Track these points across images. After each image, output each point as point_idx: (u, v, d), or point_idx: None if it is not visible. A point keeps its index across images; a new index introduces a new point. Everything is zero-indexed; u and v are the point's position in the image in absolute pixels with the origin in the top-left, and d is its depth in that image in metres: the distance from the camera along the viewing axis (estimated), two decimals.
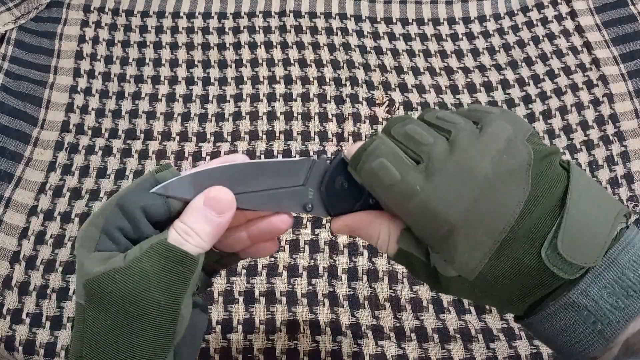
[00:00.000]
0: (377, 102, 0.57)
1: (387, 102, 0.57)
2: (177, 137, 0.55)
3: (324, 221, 0.49)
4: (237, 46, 0.62)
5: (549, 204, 0.22)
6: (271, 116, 0.56)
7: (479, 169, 0.22)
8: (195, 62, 0.61)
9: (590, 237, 0.22)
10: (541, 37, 0.61)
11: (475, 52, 0.61)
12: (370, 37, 0.62)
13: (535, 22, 0.62)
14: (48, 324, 0.45)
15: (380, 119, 0.55)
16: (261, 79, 0.59)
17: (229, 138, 0.55)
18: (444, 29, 0.63)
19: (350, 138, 0.54)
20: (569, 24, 0.61)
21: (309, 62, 0.60)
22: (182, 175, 0.25)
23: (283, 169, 0.26)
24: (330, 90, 0.58)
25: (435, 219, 0.22)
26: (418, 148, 0.24)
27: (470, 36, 0.62)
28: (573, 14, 0.61)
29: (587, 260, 0.21)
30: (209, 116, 0.57)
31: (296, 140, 0.54)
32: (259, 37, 0.63)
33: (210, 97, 0.58)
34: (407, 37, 0.62)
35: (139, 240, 0.24)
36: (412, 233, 0.25)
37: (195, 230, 0.24)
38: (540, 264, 0.22)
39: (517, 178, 0.22)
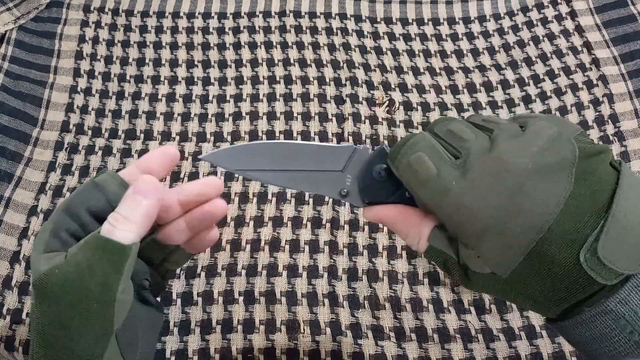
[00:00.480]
0: (377, 102, 0.57)
1: (387, 102, 0.57)
2: (177, 137, 0.55)
3: (323, 221, 0.49)
4: (237, 46, 0.62)
5: (593, 204, 0.21)
6: (271, 116, 0.56)
7: (518, 163, 0.21)
8: (195, 62, 0.61)
9: (633, 244, 0.21)
10: (541, 37, 0.61)
11: (475, 52, 0.61)
12: (370, 37, 0.62)
13: (535, 22, 0.62)
14: None
15: (380, 119, 0.55)
16: (261, 79, 0.59)
17: (229, 138, 0.55)
18: (444, 29, 0.63)
19: (350, 138, 0.54)
20: (569, 24, 0.61)
21: (309, 62, 0.60)
22: (225, 148, 0.27)
23: (324, 153, 0.27)
24: (330, 90, 0.58)
25: (470, 215, 0.22)
26: (459, 144, 0.24)
27: (470, 36, 0.62)
28: (573, 14, 0.61)
29: (628, 267, 0.21)
30: (209, 116, 0.57)
31: (296, 140, 0.54)
32: (259, 37, 0.63)
33: (210, 97, 0.58)
34: (407, 37, 0.62)
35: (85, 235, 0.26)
36: (443, 231, 0.25)
37: (124, 216, 0.25)
38: (578, 267, 0.21)
39: (559, 175, 0.21)
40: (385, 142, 0.27)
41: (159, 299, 0.37)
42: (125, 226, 0.24)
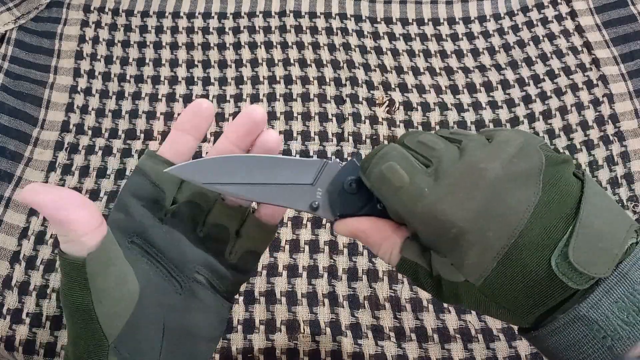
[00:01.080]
0: (377, 102, 0.57)
1: (387, 102, 0.57)
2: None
3: (324, 221, 0.49)
4: (237, 46, 0.62)
5: (560, 211, 0.22)
6: (271, 116, 0.56)
7: (489, 170, 0.22)
8: (195, 62, 0.61)
9: (602, 248, 0.21)
10: (541, 37, 0.61)
11: (475, 52, 0.61)
12: (370, 37, 0.62)
13: (535, 22, 0.62)
14: (48, 324, 0.45)
15: (380, 119, 0.55)
16: (261, 79, 0.59)
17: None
18: (444, 29, 0.63)
19: (350, 138, 0.54)
20: (569, 24, 0.61)
21: (309, 62, 0.60)
22: (194, 161, 0.26)
23: (294, 166, 0.26)
24: (330, 90, 0.58)
25: (443, 222, 0.22)
26: (429, 153, 0.24)
27: (470, 36, 0.62)
28: (573, 14, 0.61)
29: (598, 270, 0.21)
30: None
31: (296, 140, 0.54)
32: (259, 37, 0.63)
33: (210, 97, 0.58)
34: (407, 37, 0.62)
35: (134, 228, 0.27)
36: (415, 242, 0.25)
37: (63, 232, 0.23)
38: (550, 272, 0.21)
39: (528, 181, 0.22)
40: (356, 157, 0.27)
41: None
42: (64, 239, 0.23)
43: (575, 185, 0.22)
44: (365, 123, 0.55)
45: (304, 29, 0.63)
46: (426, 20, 0.64)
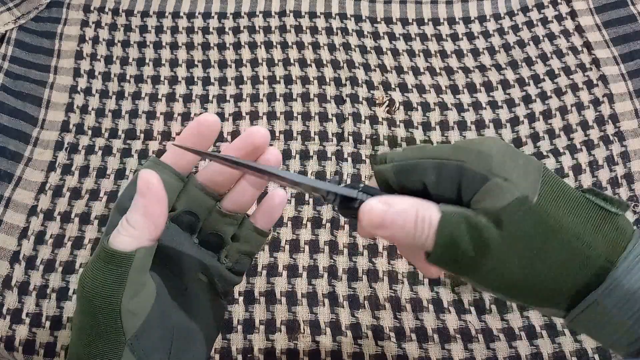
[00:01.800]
0: (377, 102, 0.57)
1: (387, 102, 0.57)
2: (177, 137, 0.55)
3: (324, 221, 0.49)
4: (237, 46, 0.62)
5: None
6: (271, 116, 0.56)
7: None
8: (195, 62, 0.61)
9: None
10: (541, 37, 0.61)
11: (475, 52, 0.61)
12: (370, 37, 0.62)
13: (535, 22, 0.62)
14: (48, 324, 0.45)
15: (380, 119, 0.55)
16: (261, 79, 0.59)
17: (229, 138, 0.55)
18: (444, 29, 0.63)
19: (350, 138, 0.54)
20: (569, 24, 0.61)
21: (309, 62, 0.60)
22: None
23: (308, 188, 0.26)
24: (330, 90, 0.58)
25: (481, 151, 0.23)
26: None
27: (470, 36, 0.62)
28: (573, 14, 0.61)
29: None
30: None
31: (296, 140, 0.54)
32: (259, 37, 0.63)
33: (210, 97, 0.58)
34: (407, 37, 0.62)
35: None
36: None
37: (127, 219, 0.24)
38: (587, 201, 0.22)
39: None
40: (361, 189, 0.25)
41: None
42: (127, 231, 0.24)
43: None
44: (365, 123, 0.55)
45: (304, 28, 0.63)
46: (426, 20, 0.64)
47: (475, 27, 0.63)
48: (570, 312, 0.22)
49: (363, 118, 0.55)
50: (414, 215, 0.22)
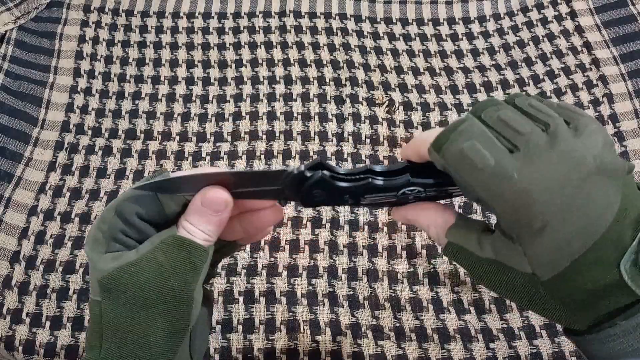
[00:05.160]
0: (377, 102, 0.57)
1: (387, 102, 0.57)
2: (177, 137, 0.55)
3: (323, 221, 0.49)
4: (237, 46, 0.62)
5: (631, 218, 0.21)
6: (271, 116, 0.56)
7: (585, 162, 0.21)
8: (195, 62, 0.61)
9: None
10: (541, 38, 0.61)
11: (475, 52, 0.61)
12: (370, 37, 0.62)
13: (535, 23, 0.62)
14: (48, 323, 0.45)
15: (380, 119, 0.55)
16: (261, 79, 0.59)
17: (229, 138, 0.55)
18: (444, 29, 0.63)
19: (350, 138, 0.54)
20: (569, 24, 0.61)
21: (309, 62, 0.60)
22: (175, 175, 0.26)
23: (261, 176, 0.26)
24: (330, 90, 0.58)
25: (532, 206, 0.21)
26: (514, 137, 0.22)
27: (470, 36, 0.62)
28: (573, 14, 0.61)
29: None
30: (209, 116, 0.57)
31: (296, 140, 0.54)
32: (259, 37, 0.63)
33: (210, 97, 0.58)
34: (407, 37, 0.62)
35: (143, 240, 0.26)
36: (460, 228, 0.25)
37: (200, 229, 0.25)
38: (619, 278, 0.21)
39: (615, 182, 0.21)
40: (321, 158, 0.26)
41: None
42: (200, 235, 0.25)
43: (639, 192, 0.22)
44: (365, 123, 0.55)
45: (304, 29, 0.63)
46: (426, 21, 0.64)
47: (475, 28, 0.63)
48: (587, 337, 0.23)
49: (363, 118, 0.55)
50: (426, 226, 0.27)
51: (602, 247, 0.21)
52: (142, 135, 0.56)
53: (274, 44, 0.62)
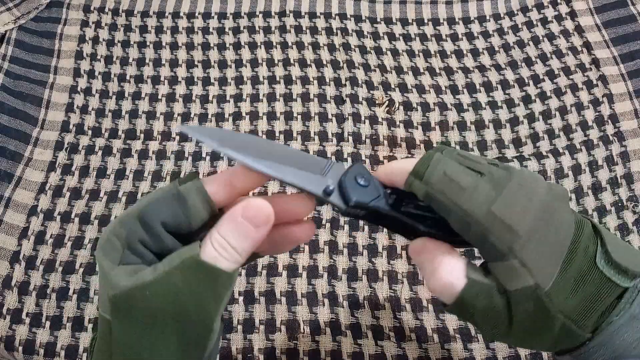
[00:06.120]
0: (377, 102, 0.57)
1: (387, 102, 0.57)
2: (177, 137, 0.55)
3: (323, 221, 0.49)
4: (237, 46, 0.62)
5: (587, 230, 0.24)
6: (271, 116, 0.56)
7: (537, 190, 0.24)
8: (195, 62, 0.61)
9: (631, 251, 0.24)
10: (541, 37, 0.61)
11: (475, 52, 0.61)
12: (370, 37, 0.62)
13: (535, 23, 0.62)
14: (48, 324, 0.45)
15: (380, 119, 0.55)
16: (261, 79, 0.59)
17: None
18: (444, 29, 0.63)
19: (350, 138, 0.54)
20: (569, 24, 0.61)
21: (309, 62, 0.60)
22: (215, 128, 0.25)
23: (304, 157, 0.26)
24: (330, 90, 0.58)
25: (518, 218, 0.23)
26: (477, 166, 0.24)
27: (470, 36, 0.62)
28: (573, 14, 0.61)
29: (638, 267, 0.23)
30: (209, 116, 0.57)
31: (296, 140, 0.54)
32: (259, 37, 0.63)
33: (210, 97, 0.58)
34: (407, 37, 0.62)
35: (161, 251, 0.24)
36: (475, 266, 0.25)
37: (232, 245, 0.23)
38: (599, 274, 0.23)
39: (565, 204, 0.24)
40: (380, 170, 0.27)
41: None
42: (231, 256, 0.22)
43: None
44: (365, 123, 0.55)
45: (304, 29, 0.63)
46: (426, 21, 0.64)
47: (475, 28, 0.63)
48: None
49: (363, 118, 0.55)
50: (440, 275, 0.24)
51: (577, 251, 0.23)
52: (142, 135, 0.56)
53: (274, 44, 0.62)
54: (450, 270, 0.24)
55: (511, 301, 0.23)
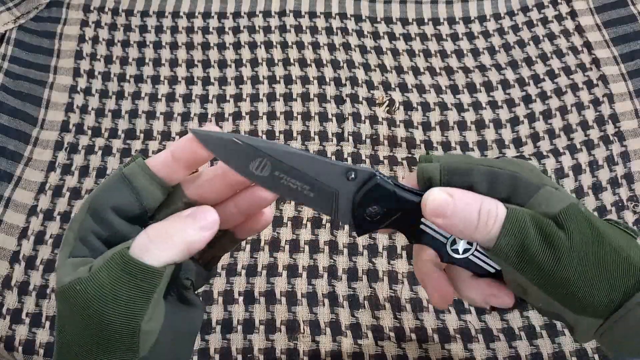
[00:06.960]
0: (377, 102, 0.57)
1: (387, 102, 0.57)
2: (177, 137, 0.55)
3: (323, 221, 0.49)
4: (237, 46, 0.62)
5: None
6: (271, 116, 0.56)
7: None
8: (195, 62, 0.61)
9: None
10: (541, 37, 0.61)
11: (475, 52, 0.61)
12: (370, 37, 0.62)
13: (535, 22, 0.62)
14: (48, 324, 0.45)
15: (380, 119, 0.55)
16: (261, 78, 0.59)
17: None
18: (444, 29, 0.63)
19: (350, 138, 0.54)
20: (569, 24, 0.61)
21: (309, 62, 0.60)
22: (223, 132, 0.24)
23: (323, 166, 0.25)
24: (330, 90, 0.58)
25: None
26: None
27: (470, 36, 0.62)
28: (573, 14, 0.61)
29: None
30: (209, 116, 0.57)
31: (296, 140, 0.54)
32: (259, 37, 0.63)
33: (210, 97, 0.58)
34: (407, 37, 0.62)
35: (115, 240, 0.23)
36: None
37: (168, 233, 0.22)
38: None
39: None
40: (379, 175, 0.25)
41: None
42: (163, 245, 0.22)
43: None
44: (365, 123, 0.55)
45: (304, 28, 0.63)
46: (426, 20, 0.64)
47: (475, 27, 0.63)
48: (610, 318, 0.23)
49: (363, 118, 0.55)
50: (478, 208, 0.23)
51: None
52: (142, 135, 0.56)
53: (274, 43, 0.62)
54: (490, 201, 0.24)
55: (563, 221, 0.23)
